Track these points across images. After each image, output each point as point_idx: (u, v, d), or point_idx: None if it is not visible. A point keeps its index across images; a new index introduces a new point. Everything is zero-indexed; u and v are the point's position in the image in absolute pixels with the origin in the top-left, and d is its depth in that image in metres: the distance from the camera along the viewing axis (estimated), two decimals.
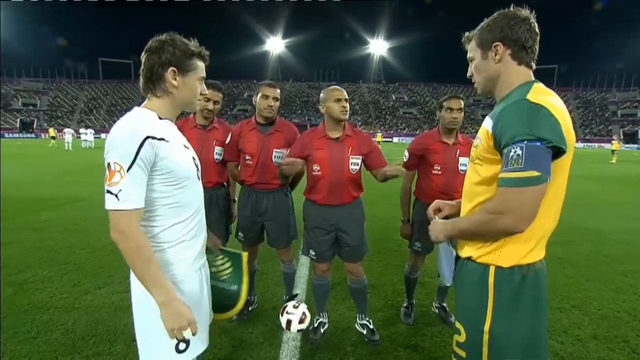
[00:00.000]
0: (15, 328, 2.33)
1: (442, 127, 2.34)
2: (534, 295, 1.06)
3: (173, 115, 1.25)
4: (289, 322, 2.00)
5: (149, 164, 1.08)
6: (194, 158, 1.29)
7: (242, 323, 2.47)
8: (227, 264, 1.66)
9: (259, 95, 2.24)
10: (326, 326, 2.40)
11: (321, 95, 2.10)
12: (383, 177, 2.08)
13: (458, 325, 1.16)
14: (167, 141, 1.13)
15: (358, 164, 2.08)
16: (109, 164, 1.04)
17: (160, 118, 1.18)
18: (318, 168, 2.06)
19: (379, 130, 28.80)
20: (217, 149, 2.32)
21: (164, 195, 1.15)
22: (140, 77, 1.19)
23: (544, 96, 1.00)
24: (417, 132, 56.41)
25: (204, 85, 1.28)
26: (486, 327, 1.07)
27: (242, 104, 61.82)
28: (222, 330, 2.37)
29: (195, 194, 1.27)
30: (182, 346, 1.18)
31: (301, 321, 2.01)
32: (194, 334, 1.13)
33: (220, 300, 1.61)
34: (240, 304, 1.67)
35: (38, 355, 2.06)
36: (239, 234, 2.47)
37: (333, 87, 2.09)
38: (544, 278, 1.10)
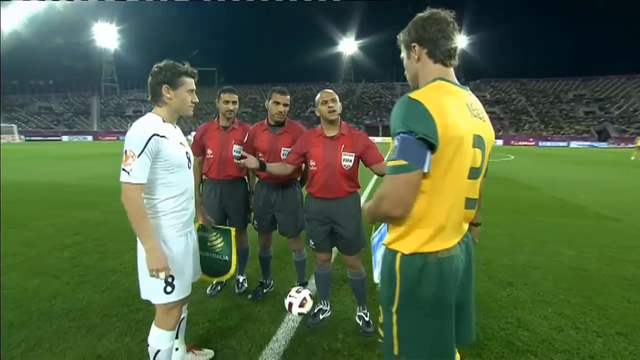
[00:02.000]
0: (94, 283, 3.09)
1: None
2: (436, 283, 1.12)
3: (173, 120, 1.68)
4: (290, 304, 2.25)
5: (153, 153, 1.51)
6: (187, 152, 1.70)
7: (255, 301, 2.81)
8: (220, 239, 2.04)
9: (271, 101, 2.53)
10: (327, 314, 2.57)
11: (316, 99, 2.30)
12: (381, 173, 2.19)
13: (380, 307, 1.27)
14: (167, 138, 1.56)
15: (351, 161, 2.22)
16: (125, 150, 1.48)
17: (164, 121, 1.62)
18: (314, 164, 2.27)
19: None
20: (236, 147, 2.68)
21: (161, 176, 1.57)
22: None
23: (432, 93, 1.07)
24: (501, 134, 51.16)
25: (194, 95, 1.67)
26: (394, 309, 1.17)
27: (314, 106, 64.04)
28: (235, 305, 2.73)
29: (184, 178, 1.66)
30: (169, 289, 1.60)
31: (301, 305, 2.24)
32: (167, 277, 1.53)
33: (216, 268, 2.03)
34: (232, 271, 2.07)
35: (102, 303, 2.70)
36: (254, 222, 2.81)
37: (323, 90, 2.28)
38: (452, 269, 1.14)
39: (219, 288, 2.97)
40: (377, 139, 51.94)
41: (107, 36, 71.43)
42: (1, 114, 44.51)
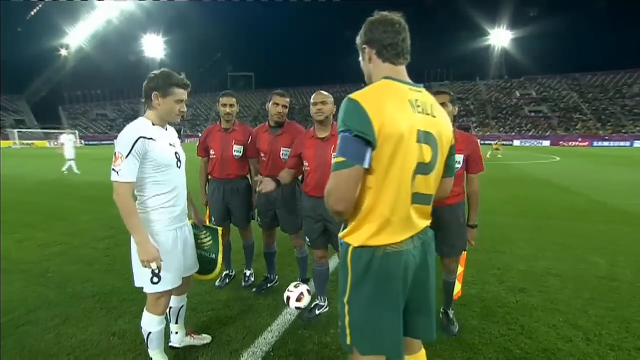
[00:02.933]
0: (119, 271, 3.43)
1: None
2: (382, 276, 1.17)
3: (162, 124, 1.83)
4: (288, 298, 2.36)
5: (141, 155, 1.67)
6: (176, 153, 1.85)
7: (258, 295, 2.96)
8: (209, 237, 2.19)
9: (271, 102, 2.68)
10: (324, 309, 2.65)
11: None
12: None
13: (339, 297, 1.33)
14: (155, 140, 1.71)
15: None
16: (115, 152, 1.66)
17: (153, 124, 1.78)
18: (307, 164, 2.37)
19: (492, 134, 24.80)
20: (236, 147, 2.85)
21: (150, 175, 1.73)
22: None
23: (371, 92, 1.13)
24: (548, 134, 47.60)
25: (183, 105, 1.81)
26: (346, 299, 1.24)
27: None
28: (239, 297, 2.91)
29: (173, 177, 1.81)
30: (155, 280, 1.76)
31: (299, 299, 2.35)
32: (158, 268, 1.68)
33: (204, 265, 2.15)
34: (217, 270, 2.19)
35: (123, 289, 3.00)
36: (258, 218, 2.97)
37: (317, 92, 2.36)
38: (401, 264, 1.18)
39: (227, 281, 3.17)
40: None
41: (154, 47, 77.27)
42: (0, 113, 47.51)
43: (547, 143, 44.32)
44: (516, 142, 45.92)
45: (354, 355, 1.28)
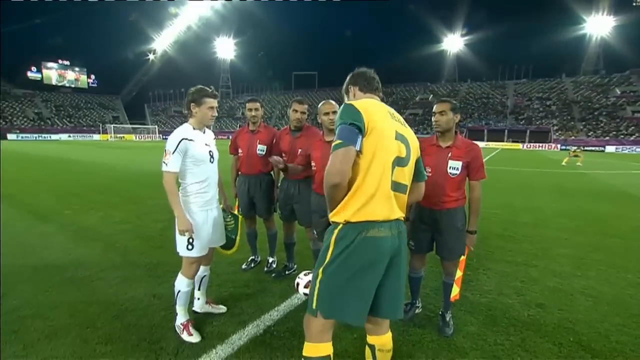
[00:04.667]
0: (168, 248, 4.08)
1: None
2: (361, 256, 1.46)
3: (201, 127, 2.35)
4: (297, 284, 2.69)
5: (183, 152, 2.21)
6: (210, 151, 2.36)
7: (276, 280, 3.35)
8: (232, 221, 2.69)
9: (291, 109, 3.04)
10: None
11: (318, 108, 2.69)
12: None
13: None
14: (194, 141, 2.25)
15: None
16: (165, 149, 2.20)
17: (194, 129, 2.30)
18: (314, 164, 2.67)
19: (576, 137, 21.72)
20: (260, 147, 3.26)
21: (189, 168, 2.27)
22: None
23: (361, 101, 1.58)
24: None
25: (214, 110, 2.32)
26: (321, 268, 1.53)
27: (414, 107, 61.67)
28: (258, 280, 3.33)
29: (206, 170, 2.33)
30: (189, 247, 2.29)
31: (306, 286, 2.67)
32: (191, 237, 2.24)
33: (226, 242, 2.64)
34: (234, 248, 2.67)
35: (169, 262, 3.63)
36: (279, 211, 3.35)
37: (324, 101, 2.64)
38: (378, 247, 1.48)
39: (252, 265, 3.62)
40: (480, 144, 46.79)
41: (225, 48, 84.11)
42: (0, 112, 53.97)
43: None
44: (609, 148, 39.97)
45: (310, 317, 1.57)
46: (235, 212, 3.43)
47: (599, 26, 61.44)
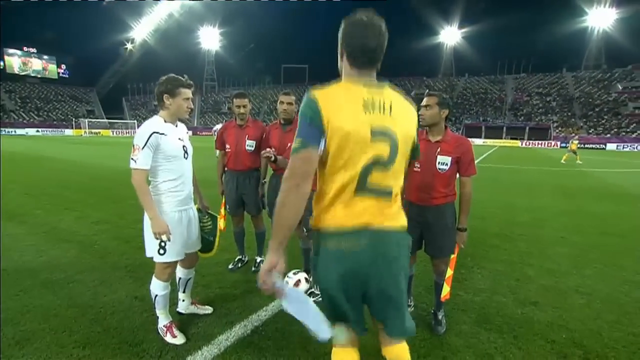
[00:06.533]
0: None
1: None
2: (327, 265, 1.42)
3: (173, 120, 2.31)
4: (286, 283, 2.77)
5: (154, 147, 2.17)
6: (184, 146, 2.33)
7: None
8: (209, 222, 2.68)
9: (278, 102, 3.11)
10: (318, 297, 2.99)
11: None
12: None
13: None
14: (165, 135, 2.21)
15: None
16: (133, 144, 2.17)
17: (165, 122, 2.27)
18: None
19: (576, 137, 22.31)
20: (248, 142, 3.32)
21: (161, 164, 2.23)
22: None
23: (327, 90, 1.35)
24: None
25: (190, 102, 2.29)
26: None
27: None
28: (246, 280, 3.38)
29: (180, 166, 2.30)
30: (161, 252, 2.26)
31: (296, 285, 2.74)
32: (168, 239, 2.19)
33: (204, 245, 2.64)
34: (214, 250, 2.68)
35: (151, 263, 3.64)
36: (267, 208, 3.41)
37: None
38: (348, 261, 1.39)
39: (239, 265, 3.67)
40: (477, 141, 47.34)
41: (210, 38, 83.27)
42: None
43: None
44: (610, 146, 41.01)
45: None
46: (222, 210, 3.47)
47: (601, 19, 62.90)
